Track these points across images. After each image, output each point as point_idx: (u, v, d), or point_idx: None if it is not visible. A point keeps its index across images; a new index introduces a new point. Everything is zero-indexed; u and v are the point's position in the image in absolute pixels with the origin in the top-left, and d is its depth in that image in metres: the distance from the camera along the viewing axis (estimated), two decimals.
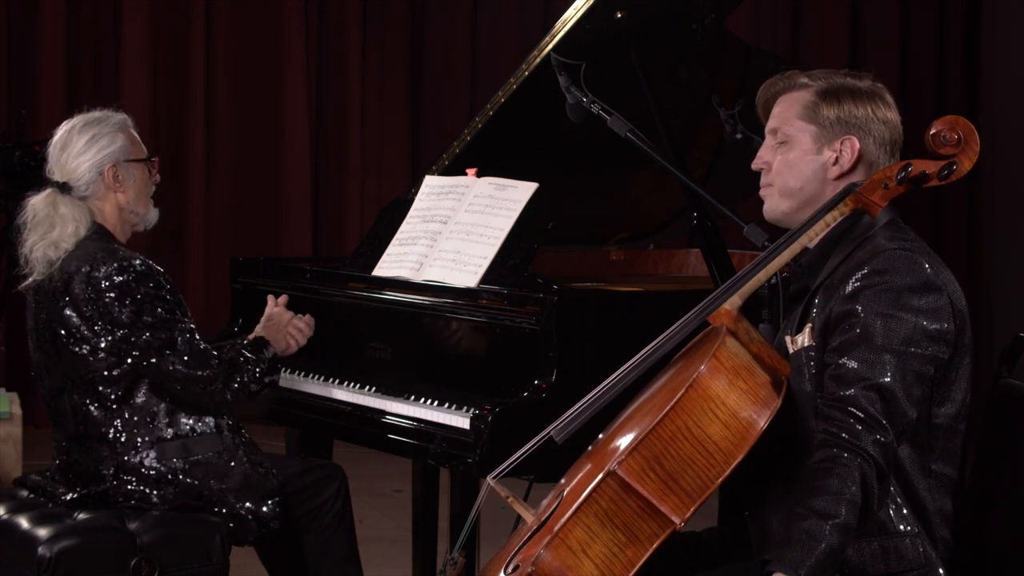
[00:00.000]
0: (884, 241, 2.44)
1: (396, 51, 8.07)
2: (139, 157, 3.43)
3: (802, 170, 2.54)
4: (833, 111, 2.52)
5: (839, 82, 2.55)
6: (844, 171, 2.52)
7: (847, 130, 2.52)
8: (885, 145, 2.54)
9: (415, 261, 3.61)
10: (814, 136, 2.54)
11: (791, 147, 2.55)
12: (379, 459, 4.38)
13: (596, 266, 4.29)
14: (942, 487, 2.45)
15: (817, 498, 2.25)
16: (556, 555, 2.32)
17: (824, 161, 2.53)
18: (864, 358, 2.33)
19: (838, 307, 2.39)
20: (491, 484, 2.67)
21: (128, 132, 3.44)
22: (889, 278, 2.37)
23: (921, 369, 2.35)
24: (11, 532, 3.22)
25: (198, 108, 7.69)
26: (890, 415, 2.31)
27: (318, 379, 3.69)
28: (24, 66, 7.41)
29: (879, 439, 2.30)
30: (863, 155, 2.52)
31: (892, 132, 2.55)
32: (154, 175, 3.47)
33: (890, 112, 2.55)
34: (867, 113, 2.52)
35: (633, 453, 2.31)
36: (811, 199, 2.54)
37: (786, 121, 2.56)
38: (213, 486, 3.25)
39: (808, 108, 2.54)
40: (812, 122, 2.54)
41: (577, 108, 3.50)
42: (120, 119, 3.44)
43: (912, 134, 2.60)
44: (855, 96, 2.53)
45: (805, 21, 8.29)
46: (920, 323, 2.35)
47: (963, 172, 2.46)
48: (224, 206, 7.80)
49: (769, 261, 2.47)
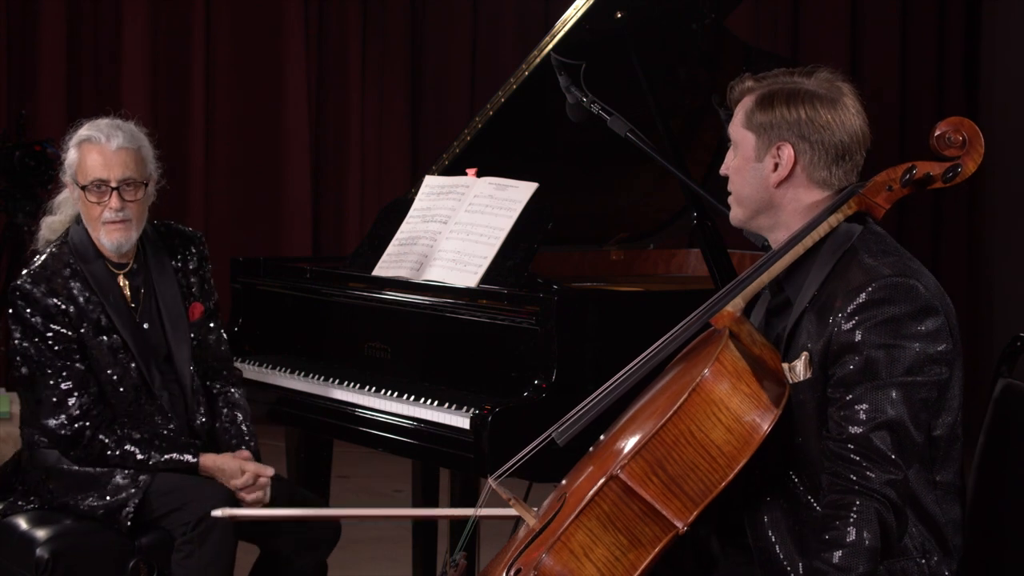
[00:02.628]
0: (870, 259, 2.38)
1: (396, 51, 8.06)
2: (82, 183, 3.27)
3: (746, 177, 2.50)
4: (765, 116, 2.45)
5: (779, 86, 2.47)
6: (783, 178, 2.45)
7: (780, 136, 2.44)
8: (826, 150, 2.42)
9: (415, 261, 3.61)
10: (754, 143, 2.48)
11: (737, 154, 2.52)
12: (379, 459, 4.39)
13: (596, 266, 4.29)
14: (948, 496, 2.43)
15: (835, 552, 2.23)
16: (558, 559, 2.32)
17: (764, 168, 2.47)
18: (870, 395, 2.29)
19: (837, 339, 2.33)
20: (493, 486, 2.66)
21: (84, 150, 3.27)
22: (887, 308, 2.31)
23: (927, 395, 2.33)
24: (10, 533, 3.22)
25: (198, 108, 7.68)
26: (901, 449, 2.29)
27: (318, 379, 3.69)
28: (24, 66, 7.40)
29: (893, 478, 2.27)
30: (799, 161, 2.44)
31: (836, 136, 2.42)
32: (106, 203, 3.25)
33: (837, 114, 2.43)
34: (801, 117, 2.42)
35: (636, 457, 2.31)
36: (762, 206, 2.49)
37: (734, 128, 2.52)
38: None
39: (747, 115, 2.49)
40: (749, 129, 2.48)
41: (577, 108, 3.50)
42: (84, 135, 3.29)
43: (912, 134, 2.59)
44: (791, 99, 2.44)
45: (805, 21, 8.28)
46: (924, 349, 2.32)
47: (968, 174, 2.43)
48: (224, 206, 7.80)
49: (771, 264, 2.45)
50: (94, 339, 3.25)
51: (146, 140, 3.37)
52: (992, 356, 7.49)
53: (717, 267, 3.51)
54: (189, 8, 7.64)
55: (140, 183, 3.30)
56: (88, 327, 3.25)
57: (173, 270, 3.41)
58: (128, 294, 3.34)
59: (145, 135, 3.38)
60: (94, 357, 3.25)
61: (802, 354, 2.39)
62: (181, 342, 3.35)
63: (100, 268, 3.31)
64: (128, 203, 3.27)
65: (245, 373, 3.82)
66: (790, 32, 8.26)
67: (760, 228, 2.54)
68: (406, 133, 8.12)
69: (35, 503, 3.27)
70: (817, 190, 2.46)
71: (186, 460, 3.23)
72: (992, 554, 2.52)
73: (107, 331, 3.27)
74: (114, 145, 3.27)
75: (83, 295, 3.27)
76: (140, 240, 3.37)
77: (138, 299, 3.35)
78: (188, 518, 3.13)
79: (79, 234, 3.33)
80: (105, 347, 3.25)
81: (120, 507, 3.16)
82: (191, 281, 3.43)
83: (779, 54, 5.86)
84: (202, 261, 3.48)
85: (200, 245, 3.49)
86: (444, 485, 4.11)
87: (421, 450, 3.32)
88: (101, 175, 3.26)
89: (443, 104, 8.13)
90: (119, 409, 3.26)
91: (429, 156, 7.55)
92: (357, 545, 4.89)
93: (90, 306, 3.26)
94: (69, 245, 3.32)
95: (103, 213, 3.26)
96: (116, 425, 3.24)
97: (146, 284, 3.36)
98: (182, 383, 3.33)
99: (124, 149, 3.28)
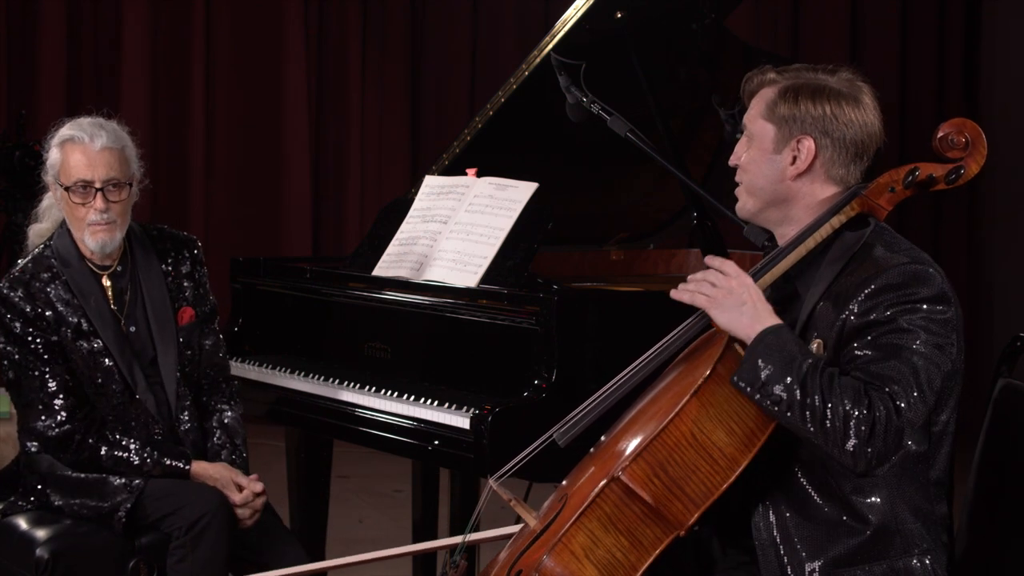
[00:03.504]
0: (885, 251, 2.40)
1: (396, 51, 8.06)
2: (65, 184, 3.23)
3: (762, 169, 2.50)
4: (789, 109, 2.46)
5: (804, 80, 2.48)
6: (801, 172, 2.47)
7: (803, 129, 2.46)
8: (847, 147, 2.45)
9: (415, 261, 3.61)
10: (773, 135, 2.49)
11: (754, 145, 2.52)
12: (379, 459, 4.38)
13: (596, 266, 4.29)
14: (940, 494, 2.45)
15: (830, 402, 2.26)
16: (559, 560, 2.32)
17: (782, 161, 2.48)
18: (882, 354, 2.30)
19: (854, 322, 2.34)
20: (494, 487, 2.66)
21: (67, 150, 3.23)
22: (906, 291, 2.33)
23: (940, 363, 2.33)
24: (10, 533, 3.22)
25: (198, 108, 7.69)
26: (911, 394, 2.29)
27: (318, 379, 3.69)
28: (24, 66, 7.40)
29: (903, 398, 2.27)
30: (819, 156, 2.46)
31: (857, 134, 2.46)
32: (91, 204, 3.21)
33: (859, 113, 2.46)
34: (826, 112, 2.44)
35: (637, 459, 2.30)
36: (775, 199, 2.50)
37: (752, 119, 2.53)
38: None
39: (769, 106, 2.49)
40: (770, 120, 2.49)
41: (577, 108, 3.50)
42: (66, 135, 3.25)
43: (912, 134, 2.59)
44: (816, 94, 2.46)
45: (805, 21, 8.28)
46: (939, 332, 2.32)
47: (970, 176, 2.43)
48: (224, 206, 7.80)
49: (774, 265, 2.46)
50: (73, 343, 3.23)
51: (129, 140, 3.31)
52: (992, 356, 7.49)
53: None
54: (189, 8, 7.65)
55: (124, 183, 3.25)
56: (67, 331, 3.23)
57: (162, 273, 3.36)
58: (111, 295, 3.31)
59: (128, 134, 3.32)
60: (75, 361, 3.23)
61: (815, 341, 2.40)
62: (168, 345, 3.31)
63: (82, 271, 3.27)
64: (112, 204, 3.23)
65: (245, 373, 3.82)
66: (790, 32, 8.27)
67: (768, 221, 2.54)
68: (406, 133, 8.12)
69: (35, 503, 3.27)
70: (832, 186, 2.48)
71: (178, 466, 3.22)
72: (993, 554, 2.52)
73: (87, 335, 3.24)
74: (98, 145, 3.22)
75: (61, 300, 3.24)
76: (127, 241, 3.34)
77: (122, 301, 3.31)
78: (182, 522, 3.12)
79: (61, 237, 3.30)
80: (85, 351, 3.23)
81: (112, 511, 3.16)
82: (183, 285, 3.39)
83: (779, 54, 5.85)
84: (196, 265, 3.42)
85: (194, 249, 3.44)
86: (444, 485, 4.11)
87: (421, 450, 3.32)
88: (85, 176, 3.21)
89: (443, 104, 8.13)
90: (105, 412, 3.25)
91: (429, 156, 7.55)
92: (357, 545, 4.89)
93: (69, 310, 3.24)
94: (51, 249, 3.30)
95: (88, 215, 3.22)
96: (107, 430, 3.23)
97: (132, 286, 3.32)
98: (167, 388, 3.30)
99: (108, 149, 3.23)
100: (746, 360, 2.31)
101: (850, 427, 2.25)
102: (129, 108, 7.20)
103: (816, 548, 2.38)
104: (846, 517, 2.38)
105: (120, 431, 3.23)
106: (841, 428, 2.25)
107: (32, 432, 3.23)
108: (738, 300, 2.38)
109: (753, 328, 2.35)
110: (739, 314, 2.37)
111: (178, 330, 3.34)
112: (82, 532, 3.16)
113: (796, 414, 2.28)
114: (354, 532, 5.46)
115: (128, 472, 3.20)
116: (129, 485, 3.17)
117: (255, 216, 7.84)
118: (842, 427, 2.25)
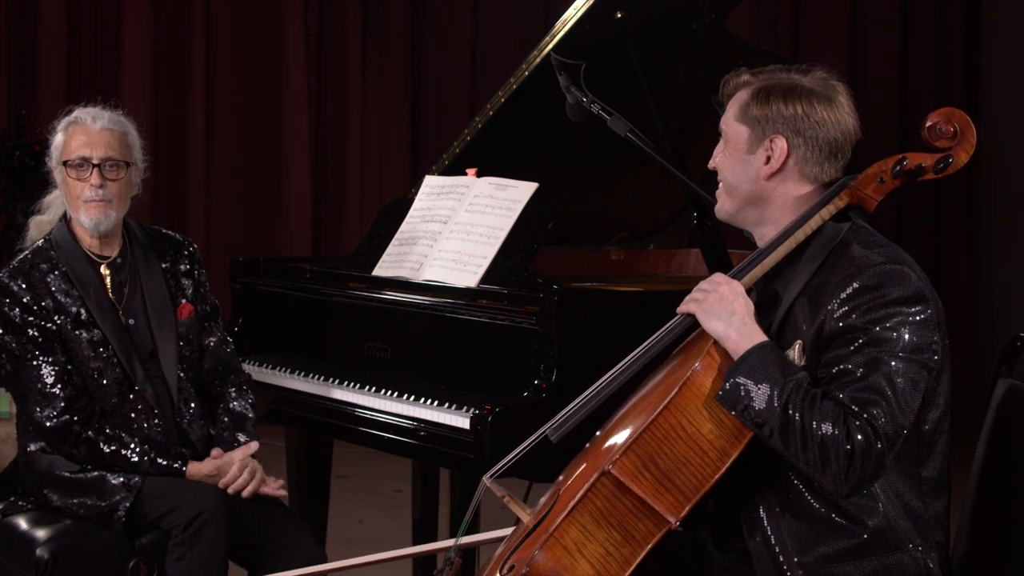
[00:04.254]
0: (861, 249, 2.40)
1: (396, 51, 8.07)
2: (65, 159, 3.29)
3: (737, 170, 2.52)
4: (761, 110, 2.48)
5: (776, 80, 2.50)
6: (774, 171, 2.48)
7: (775, 129, 2.47)
8: (820, 146, 2.46)
9: (415, 261, 3.61)
10: (747, 136, 2.51)
11: (730, 147, 2.54)
12: (379, 459, 4.38)
13: (596, 266, 4.29)
14: (933, 491, 2.44)
15: (810, 421, 2.26)
16: (551, 555, 2.32)
17: (756, 161, 2.49)
18: (868, 369, 2.30)
19: (831, 325, 2.35)
20: (487, 484, 2.67)
21: (70, 131, 3.30)
22: (881, 293, 2.33)
23: (919, 377, 2.33)
24: (10, 533, 3.22)
25: (198, 108, 7.69)
26: (891, 417, 2.29)
27: (318, 379, 3.69)
28: (24, 66, 7.40)
29: (882, 423, 2.27)
30: (791, 155, 2.47)
31: (830, 132, 2.46)
32: (87, 180, 3.26)
33: (832, 111, 2.46)
34: (797, 112, 2.45)
35: (627, 452, 2.31)
36: (751, 199, 2.52)
37: (727, 121, 2.55)
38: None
39: (742, 108, 2.51)
40: (743, 122, 2.51)
41: (577, 108, 3.50)
42: (71, 118, 3.32)
43: (912, 134, 2.59)
44: (788, 94, 2.47)
45: (805, 21, 8.29)
46: (917, 333, 2.33)
47: (959, 165, 2.44)
48: (224, 206, 7.80)
49: (763, 259, 2.47)
50: (72, 332, 3.24)
51: (133, 129, 3.37)
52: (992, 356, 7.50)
53: (717, 267, 3.51)
54: (189, 8, 7.65)
55: (122, 163, 3.29)
56: (66, 320, 3.24)
57: (161, 269, 3.39)
58: (110, 286, 3.32)
59: (135, 127, 3.38)
60: (74, 351, 3.24)
61: (795, 343, 2.40)
62: (167, 339, 3.33)
63: (81, 261, 3.30)
64: (109, 181, 3.27)
65: None
66: (790, 32, 8.27)
67: (746, 222, 2.56)
68: (406, 133, 8.12)
69: (35, 503, 3.27)
70: (807, 185, 2.49)
71: (175, 468, 3.23)
72: (994, 554, 2.52)
73: (86, 325, 3.25)
74: (99, 125, 3.29)
75: (61, 289, 3.26)
76: (126, 236, 3.37)
77: (121, 294, 3.33)
78: (180, 520, 3.13)
79: (61, 230, 3.34)
80: (84, 341, 3.24)
81: (112, 511, 3.16)
82: (182, 283, 3.41)
83: (779, 54, 5.86)
84: (195, 265, 3.46)
85: (192, 250, 3.48)
86: (444, 485, 4.11)
87: (421, 450, 3.32)
88: (84, 152, 3.27)
89: (443, 104, 8.14)
90: (104, 403, 3.25)
91: (429, 156, 7.55)
92: (357, 545, 4.89)
93: (68, 300, 3.26)
94: (52, 240, 3.33)
95: (84, 191, 3.26)
96: (107, 424, 3.24)
97: (132, 279, 3.34)
98: (168, 380, 3.31)
99: (108, 130, 3.30)
100: (728, 380, 2.33)
101: (828, 456, 2.27)
102: (129, 108, 7.09)
103: (807, 545, 2.39)
104: (837, 516, 2.39)
105: (120, 427, 3.24)
106: (820, 456, 2.27)
107: (31, 422, 3.24)
108: (728, 309, 2.39)
109: (740, 345, 2.36)
110: (727, 324, 2.38)
111: (177, 325, 3.36)
112: (82, 532, 3.17)
113: (776, 438, 2.30)
114: (354, 532, 5.46)
115: (126, 469, 3.20)
116: (127, 484, 3.17)
117: (255, 216, 7.85)
118: (821, 455, 2.27)
